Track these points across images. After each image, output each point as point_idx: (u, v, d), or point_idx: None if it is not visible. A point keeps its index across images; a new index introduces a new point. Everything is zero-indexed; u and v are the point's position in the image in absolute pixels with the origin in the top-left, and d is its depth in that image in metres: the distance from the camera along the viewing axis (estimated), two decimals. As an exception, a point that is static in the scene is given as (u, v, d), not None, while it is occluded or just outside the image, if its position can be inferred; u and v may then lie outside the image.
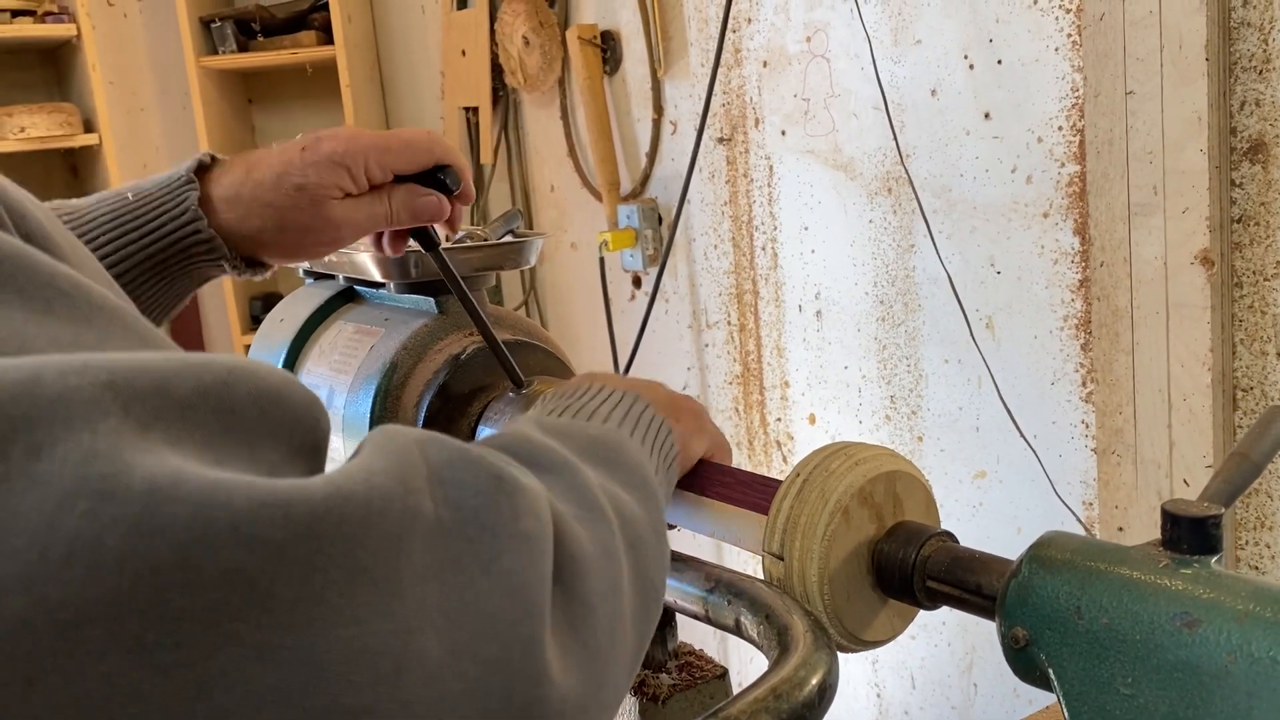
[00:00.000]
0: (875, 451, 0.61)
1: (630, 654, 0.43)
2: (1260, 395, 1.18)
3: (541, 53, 2.17)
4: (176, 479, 0.27)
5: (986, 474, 1.52)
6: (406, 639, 0.30)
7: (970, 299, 1.47)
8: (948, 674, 1.64)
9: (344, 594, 0.29)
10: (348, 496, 0.30)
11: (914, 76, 1.50)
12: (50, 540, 0.25)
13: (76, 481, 0.26)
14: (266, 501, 0.28)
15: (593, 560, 0.40)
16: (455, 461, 0.36)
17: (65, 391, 0.27)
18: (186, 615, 0.26)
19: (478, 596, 0.33)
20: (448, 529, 0.33)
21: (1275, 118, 1.12)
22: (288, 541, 0.28)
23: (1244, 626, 0.43)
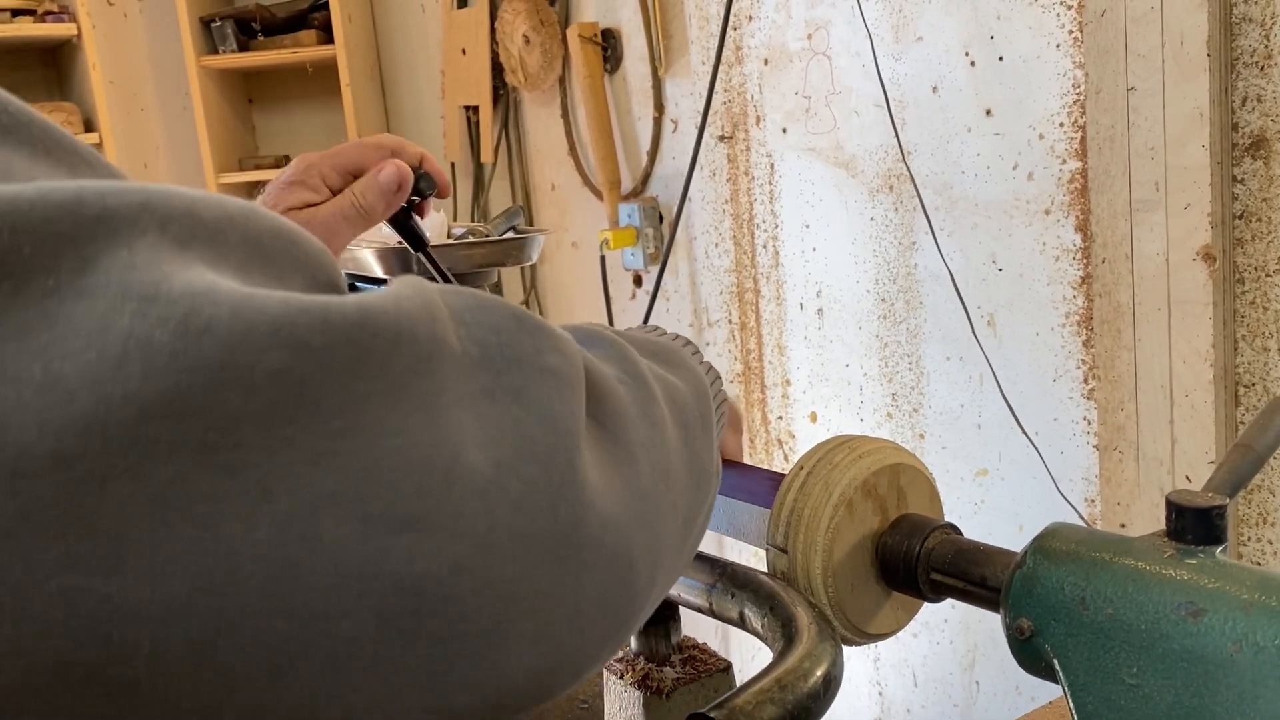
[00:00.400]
0: (879, 445, 0.61)
1: (680, 521, 0.43)
2: (1262, 391, 1.18)
3: (542, 51, 2.17)
4: (213, 287, 0.28)
5: (988, 471, 1.52)
6: (452, 453, 0.31)
7: (972, 296, 1.47)
8: (950, 671, 1.64)
9: (387, 405, 0.30)
10: (380, 312, 0.30)
11: (915, 73, 1.50)
12: (105, 340, 0.26)
13: (122, 288, 0.27)
14: (304, 308, 0.29)
15: (632, 416, 0.41)
16: (474, 305, 0.36)
17: (105, 211, 0.28)
18: (244, 415, 0.27)
19: (515, 422, 0.34)
20: (475, 362, 0.34)
21: (1277, 113, 1.12)
22: (328, 347, 0.29)
23: (1249, 615, 0.43)
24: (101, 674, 0.26)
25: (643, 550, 0.38)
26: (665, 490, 0.42)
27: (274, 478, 0.27)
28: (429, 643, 0.30)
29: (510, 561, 0.32)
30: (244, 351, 0.27)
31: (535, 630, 0.33)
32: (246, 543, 0.27)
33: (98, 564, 0.25)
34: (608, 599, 0.36)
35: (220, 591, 0.27)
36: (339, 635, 0.28)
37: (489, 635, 0.32)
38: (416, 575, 0.29)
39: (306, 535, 0.28)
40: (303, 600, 0.28)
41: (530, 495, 0.33)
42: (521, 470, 0.33)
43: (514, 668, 0.33)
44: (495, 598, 0.32)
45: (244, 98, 2.91)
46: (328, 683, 0.29)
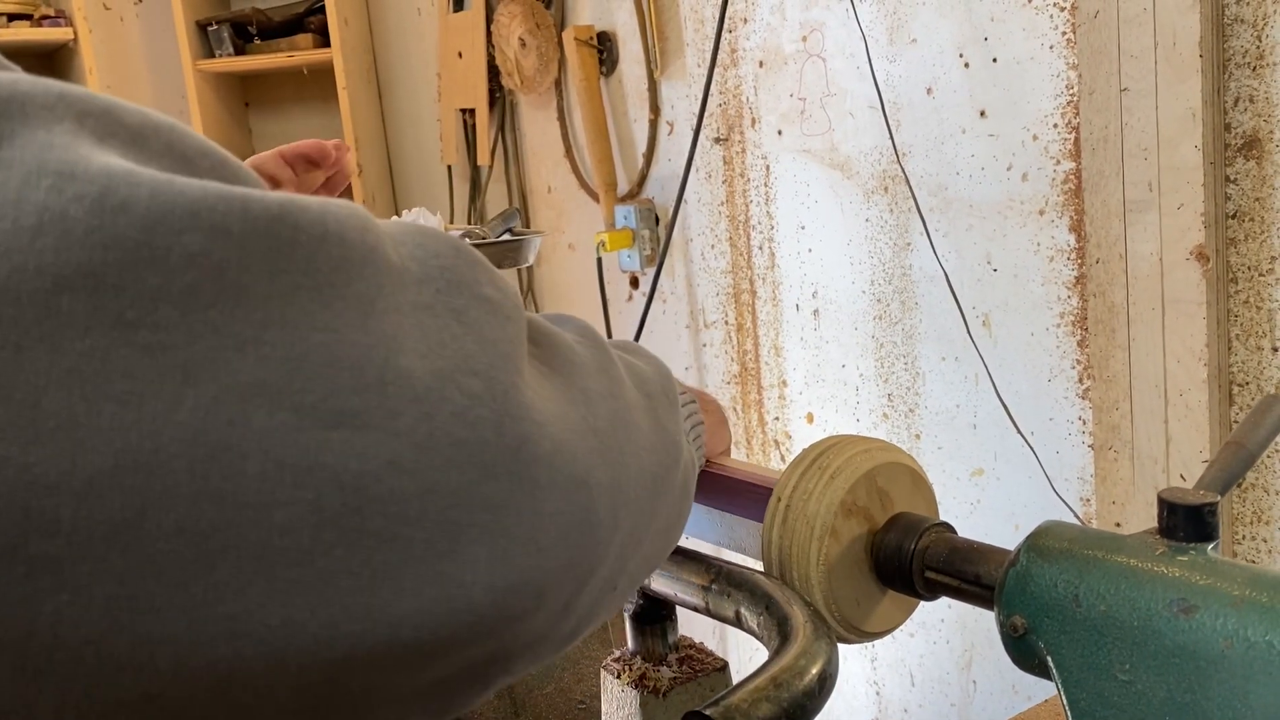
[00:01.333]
0: (850, 455, 0.60)
1: (648, 476, 0.43)
2: (1256, 390, 1.19)
3: (538, 54, 2.18)
4: (132, 170, 0.28)
5: (984, 471, 1.52)
6: (386, 355, 0.31)
7: (967, 297, 1.47)
8: (947, 671, 1.65)
9: (316, 301, 0.29)
10: (303, 210, 0.30)
11: (909, 75, 1.51)
12: (19, 212, 0.26)
13: (38, 164, 0.27)
14: (224, 196, 0.28)
15: (589, 369, 0.41)
16: (413, 231, 0.36)
17: (18, 94, 0.28)
18: (162, 296, 0.27)
19: (454, 337, 0.34)
20: (416, 278, 0.34)
21: (1269, 113, 1.13)
22: (247, 235, 0.28)
23: (1240, 612, 0.44)
24: (23, 549, 0.25)
25: (603, 484, 0.38)
26: (626, 439, 0.41)
27: (196, 361, 0.27)
28: (373, 543, 0.30)
29: (454, 469, 0.31)
30: (161, 232, 0.27)
31: (489, 544, 0.33)
32: (169, 424, 0.27)
33: (14, 432, 0.25)
34: (565, 522, 0.36)
35: (144, 470, 0.26)
36: (272, 525, 0.28)
37: (436, 543, 0.31)
38: (354, 472, 0.29)
39: (234, 420, 0.27)
40: (232, 486, 0.27)
41: (472, 407, 0.33)
42: (462, 382, 0.33)
43: (468, 581, 0.32)
44: (441, 505, 0.31)
45: (240, 101, 2.92)
46: (262, 577, 0.28)
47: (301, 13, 2.66)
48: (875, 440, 0.63)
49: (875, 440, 0.63)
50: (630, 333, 2.01)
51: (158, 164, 0.29)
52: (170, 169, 0.30)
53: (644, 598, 0.68)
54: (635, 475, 0.42)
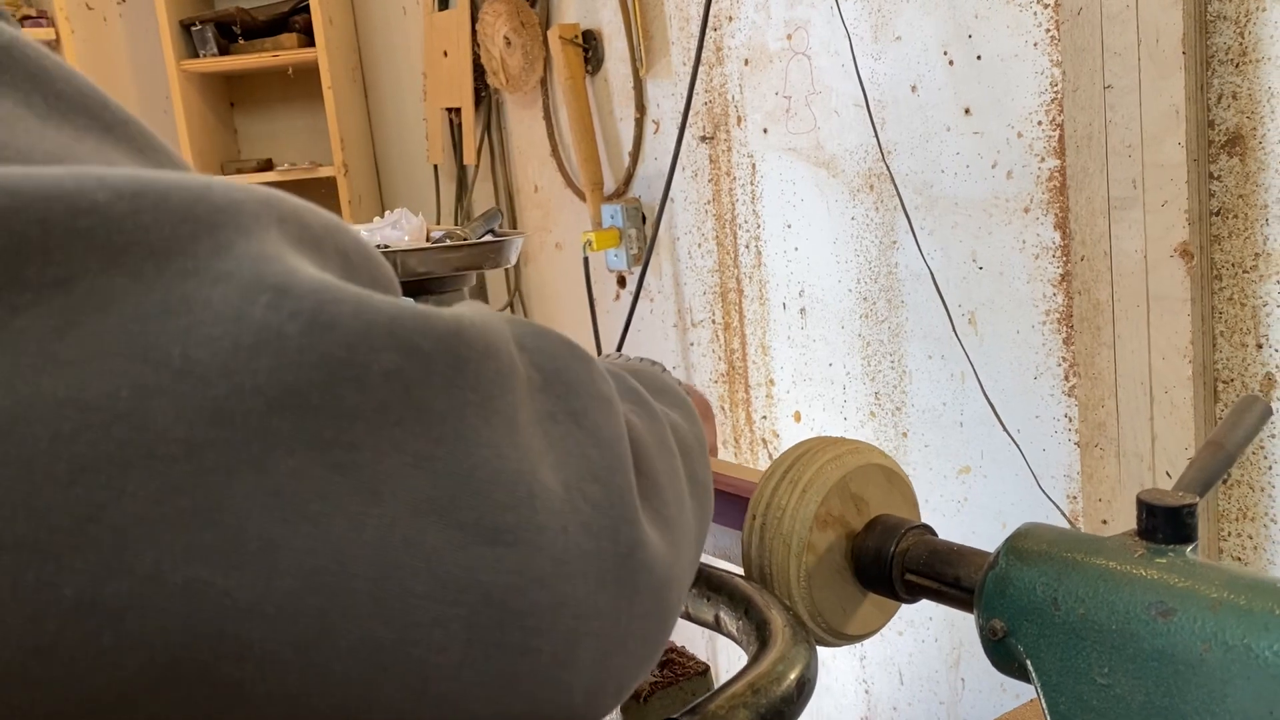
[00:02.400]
0: (822, 463, 0.60)
1: (694, 544, 0.44)
2: (1241, 387, 1.19)
3: (523, 53, 2.17)
4: (338, 284, 0.28)
5: (971, 469, 1.52)
6: (533, 469, 0.31)
7: (952, 295, 1.47)
8: (935, 669, 1.65)
9: (480, 416, 0.30)
10: (470, 324, 0.31)
11: (894, 73, 1.50)
12: (240, 330, 0.26)
13: (256, 277, 0.27)
14: (414, 314, 0.29)
15: (651, 449, 0.41)
16: (531, 331, 0.37)
17: (234, 202, 0.28)
18: (358, 414, 0.27)
19: (577, 444, 0.34)
20: (538, 386, 0.34)
21: (1252, 110, 1.13)
22: (434, 352, 0.29)
23: (1218, 615, 0.43)
24: (212, 673, 0.25)
25: (677, 578, 0.39)
26: (683, 516, 0.42)
27: (381, 479, 0.27)
28: (509, 656, 0.30)
29: (580, 580, 0.32)
30: (363, 350, 0.27)
31: (596, 649, 0.33)
32: (355, 543, 0.27)
33: (220, 558, 0.25)
34: (651, 621, 0.36)
35: (327, 591, 0.26)
36: (432, 644, 0.28)
37: (559, 653, 0.32)
38: (503, 587, 0.30)
39: (410, 539, 0.28)
40: (402, 605, 0.28)
41: (596, 517, 0.33)
42: (587, 491, 0.33)
43: (575, 686, 0.33)
44: (568, 615, 0.32)
45: (225, 101, 2.90)
46: (415, 692, 0.28)
47: (286, 12, 2.65)
48: (846, 443, 0.62)
49: (846, 443, 0.62)
50: (618, 332, 2.00)
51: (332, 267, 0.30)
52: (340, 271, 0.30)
53: (624, 602, 0.68)
54: (690, 552, 0.42)
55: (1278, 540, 1.19)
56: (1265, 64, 1.11)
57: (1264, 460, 1.19)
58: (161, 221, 0.26)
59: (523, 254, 2.47)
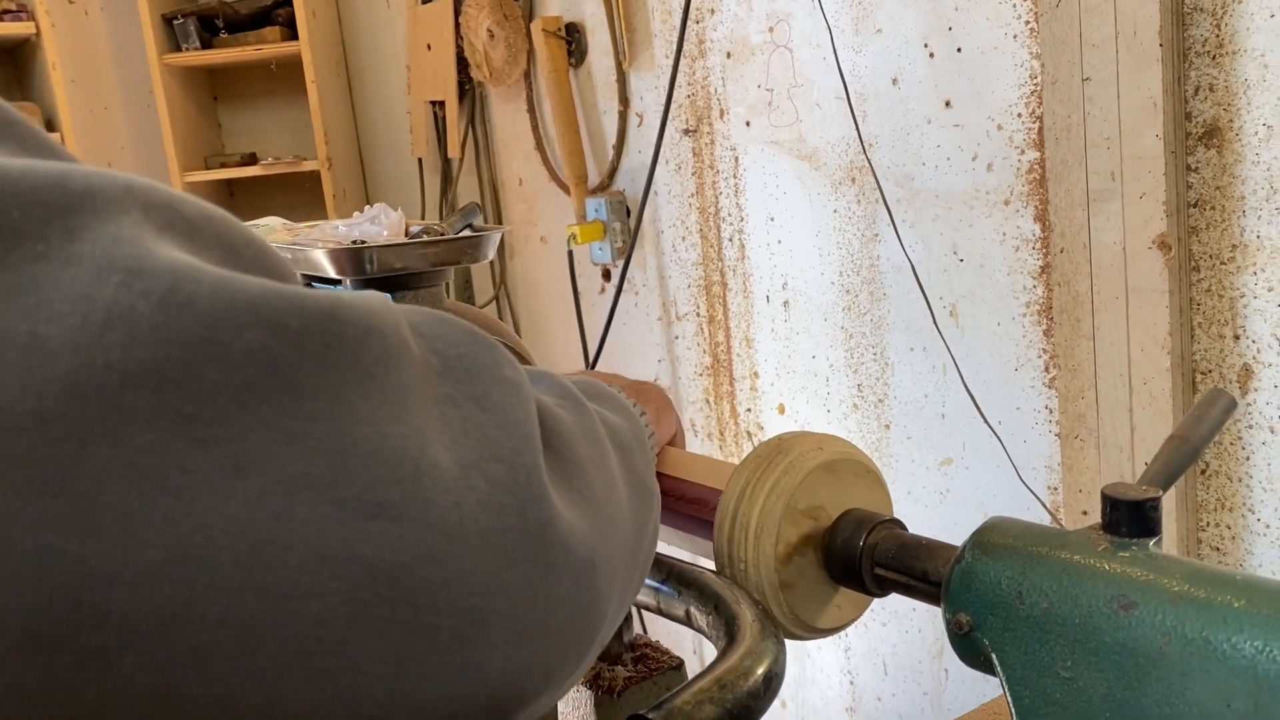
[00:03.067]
0: (791, 459, 0.60)
1: (632, 533, 0.44)
2: (1219, 378, 1.19)
3: (506, 46, 2.16)
4: (196, 265, 0.28)
5: (953, 461, 1.52)
6: (421, 446, 0.32)
7: (934, 287, 1.47)
8: (919, 660, 1.65)
9: (359, 394, 0.30)
10: (350, 306, 0.31)
11: (875, 66, 1.50)
12: (90, 308, 0.26)
13: (108, 259, 0.27)
14: (280, 293, 0.29)
15: (576, 436, 0.42)
16: (431, 319, 0.37)
17: (91, 187, 0.28)
18: (221, 391, 0.28)
19: (478, 426, 0.34)
20: (437, 370, 0.35)
21: (1229, 102, 1.13)
22: (304, 330, 0.29)
23: (1178, 608, 0.44)
24: (72, 640, 0.26)
25: (604, 559, 0.39)
26: (613, 503, 0.42)
27: (248, 454, 0.28)
28: (402, 633, 0.30)
29: (481, 557, 0.32)
30: (223, 328, 0.28)
31: (507, 629, 0.33)
32: (219, 516, 0.27)
33: (73, 525, 0.25)
34: (574, 603, 0.37)
35: (192, 563, 0.27)
36: (309, 617, 0.28)
37: (461, 631, 0.32)
38: (389, 563, 0.30)
39: (280, 514, 0.28)
40: (274, 578, 0.28)
41: (497, 494, 0.33)
42: (487, 470, 0.33)
43: (486, 666, 0.33)
44: (468, 592, 0.32)
45: (209, 95, 2.89)
46: (297, 666, 0.29)
47: (269, 5, 2.64)
48: (816, 437, 0.62)
49: (816, 437, 0.62)
50: (602, 325, 2.00)
51: (209, 255, 0.30)
52: (220, 260, 0.30)
53: (598, 597, 0.68)
54: (623, 540, 0.43)
55: (1256, 530, 1.20)
56: (1241, 56, 1.11)
57: (1241, 451, 1.19)
58: (9, 207, 0.27)
59: (508, 248, 2.47)
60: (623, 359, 2.14)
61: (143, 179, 0.30)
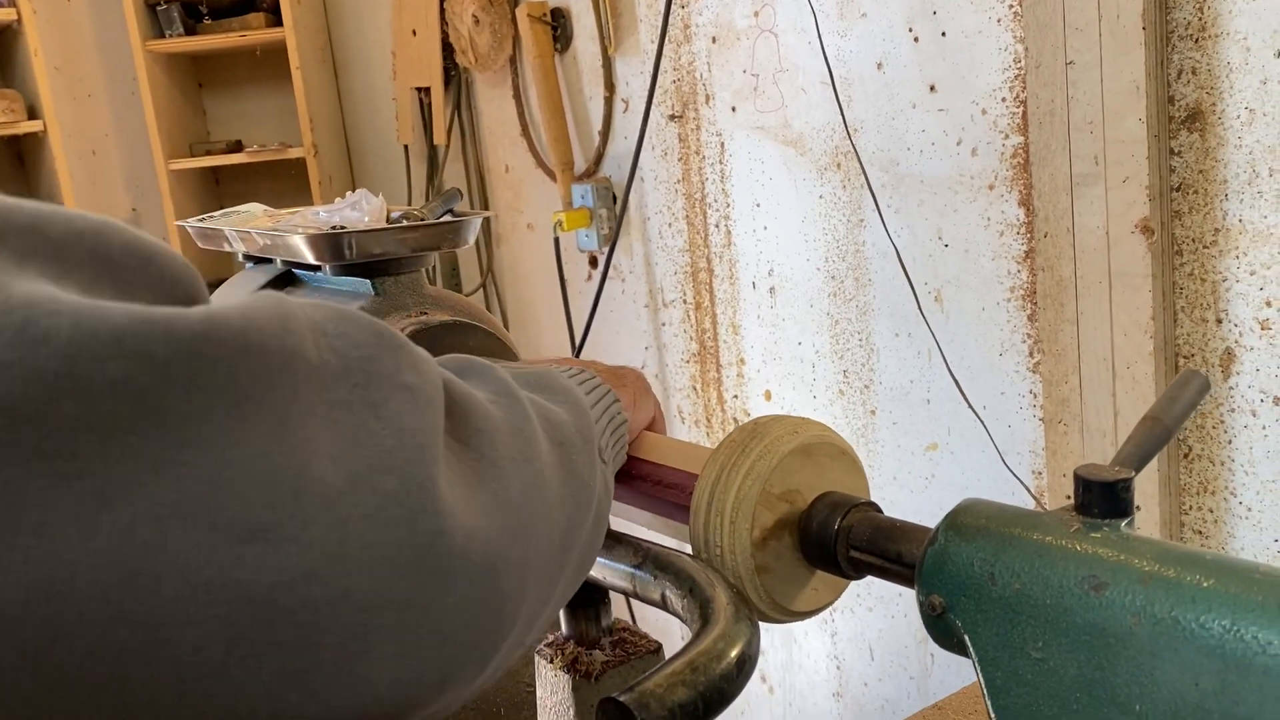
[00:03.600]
0: (766, 443, 0.60)
1: (558, 534, 0.44)
2: (1201, 362, 1.20)
3: (492, 31, 2.15)
4: (54, 297, 0.28)
5: (938, 446, 1.53)
6: (301, 465, 0.31)
7: (919, 273, 1.47)
8: (905, 644, 1.66)
9: (233, 416, 0.30)
10: (225, 324, 0.31)
11: (860, 50, 1.50)
12: None
13: None
14: (148, 319, 0.29)
15: (502, 433, 0.42)
16: (337, 318, 0.36)
17: None
18: (81, 424, 0.27)
19: (371, 435, 0.34)
20: (335, 373, 0.34)
21: (1212, 86, 1.13)
22: (171, 358, 0.29)
23: (1147, 588, 0.44)
24: None
25: (511, 562, 0.39)
26: (539, 504, 0.42)
27: (113, 486, 0.27)
28: (284, 652, 0.30)
29: (366, 573, 0.32)
30: (83, 361, 0.27)
31: (397, 641, 0.33)
32: (84, 551, 0.27)
33: None
34: (472, 610, 0.36)
35: (57, 599, 0.26)
36: (185, 644, 0.28)
37: (347, 646, 0.32)
38: (266, 585, 0.29)
39: (149, 544, 0.28)
40: (146, 609, 0.28)
41: (386, 508, 0.33)
42: (376, 483, 0.33)
43: (375, 679, 0.33)
44: (353, 609, 0.32)
45: (193, 82, 2.87)
46: (172, 692, 0.28)
47: (253, -9, 2.62)
48: (791, 421, 0.62)
49: (791, 421, 0.62)
50: (588, 312, 2.00)
51: (79, 275, 0.30)
52: (91, 279, 0.30)
53: (576, 582, 0.68)
54: (545, 540, 0.43)
55: (1237, 514, 1.20)
56: (1224, 39, 1.11)
57: (1224, 434, 1.20)
58: None
59: (494, 235, 2.46)
60: (610, 346, 2.13)
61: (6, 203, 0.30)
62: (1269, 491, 1.17)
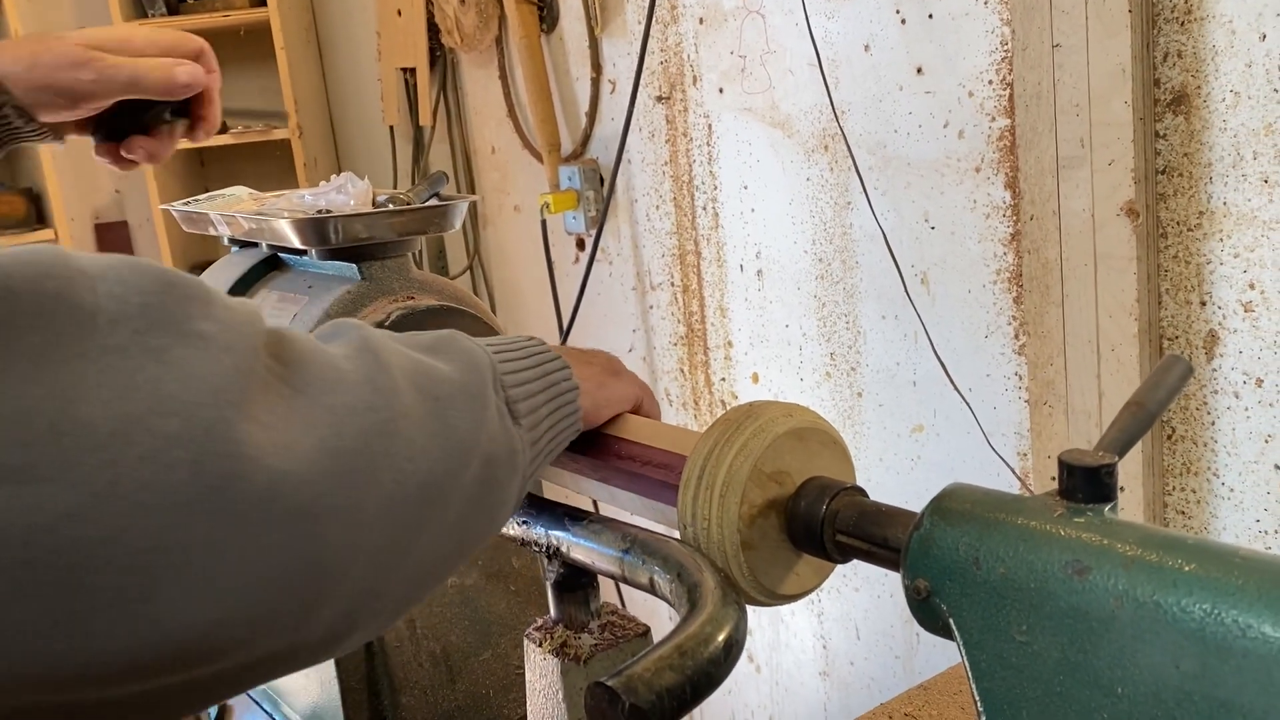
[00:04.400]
0: (754, 428, 0.60)
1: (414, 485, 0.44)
2: (1185, 344, 1.20)
3: (477, 11, 2.14)
4: None
5: (924, 428, 1.53)
6: (63, 405, 0.31)
7: (905, 255, 1.48)
8: (891, 624, 1.67)
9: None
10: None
11: (847, 32, 1.50)
12: None
13: None
14: None
15: (346, 382, 0.42)
16: (120, 265, 0.36)
17: None
18: None
19: (150, 380, 0.34)
20: (110, 318, 0.34)
21: (1197, 68, 1.13)
22: None
23: (1129, 572, 0.44)
24: None
25: (339, 508, 0.39)
26: (385, 453, 0.42)
27: None
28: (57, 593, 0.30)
29: (143, 513, 0.32)
30: None
31: (188, 584, 0.33)
32: None
33: None
34: (281, 555, 0.36)
35: None
36: None
37: (127, 588, 0.32)
38: (21, 526, 0.29)
39: None
40: None
41: (167, 450, 0.33)
42: (154, 425, 0.33)
43: (165, 620, 0.33)
44: (129, 550, 0.32)
45: (176, 62, 2.84)
46: None
47: (236, -30, 2.59)
48: (779, 406, 0.62)
49: (779, 406, 0.62)
50: (576, 295, 1.99)
51: None
52: None
53: (564, 566, 0.68)
54: (392, 488, 0.42)
55: (1220, 494, 1.22)
56: (1210, 22, 1.11)
57: (1207, 416, 1.21)
58: None
59: (481, 216, 2.45)
60: (597, 329, 2.13)
61: None
62: (1251, 472, 1.18)
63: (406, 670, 0.96)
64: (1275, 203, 1.10)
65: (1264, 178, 1.11)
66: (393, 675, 0.94)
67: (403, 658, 0.95)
